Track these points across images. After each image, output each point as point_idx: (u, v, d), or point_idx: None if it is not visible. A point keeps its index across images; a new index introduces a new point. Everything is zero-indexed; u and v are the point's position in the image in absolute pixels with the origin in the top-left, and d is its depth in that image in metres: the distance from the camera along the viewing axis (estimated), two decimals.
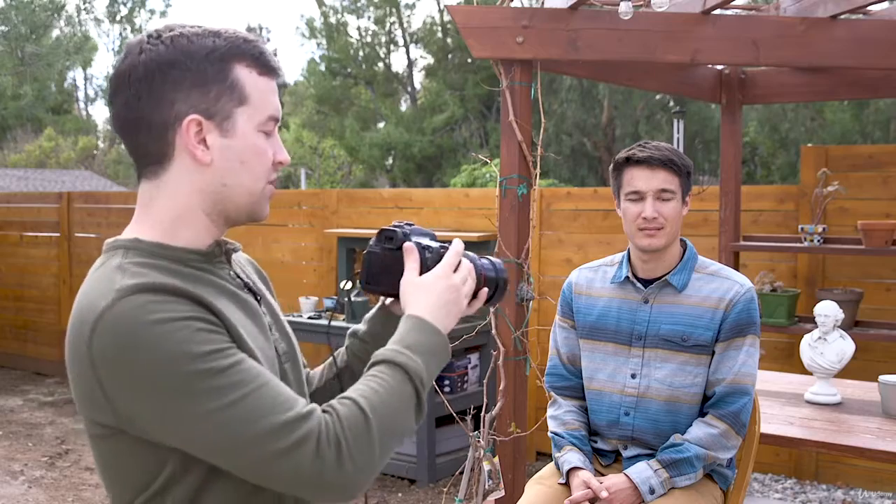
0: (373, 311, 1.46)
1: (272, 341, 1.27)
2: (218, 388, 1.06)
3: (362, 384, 1.16)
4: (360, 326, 1.46)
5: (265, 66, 1.21)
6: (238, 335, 1.14)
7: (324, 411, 1.12)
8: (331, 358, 1.48)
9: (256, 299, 1.28)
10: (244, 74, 1.18)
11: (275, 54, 1.24)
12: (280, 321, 1.34)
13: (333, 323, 4.91)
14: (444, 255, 1.31)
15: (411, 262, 1.29)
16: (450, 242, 1.35)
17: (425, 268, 1.30)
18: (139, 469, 1.14)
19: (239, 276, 1.28)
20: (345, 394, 1.14)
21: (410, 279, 1.29)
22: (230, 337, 1.13)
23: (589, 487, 2.20)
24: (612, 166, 2.37)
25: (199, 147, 1.17)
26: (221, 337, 1.10)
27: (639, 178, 2.27)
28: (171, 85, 1.15)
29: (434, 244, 1.34)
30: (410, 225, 1.33)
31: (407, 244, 1.30)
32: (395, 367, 1.17)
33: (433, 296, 1.26)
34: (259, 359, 1.16)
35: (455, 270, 1.30)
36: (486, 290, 1.36)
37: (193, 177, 1.18)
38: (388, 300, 1.42)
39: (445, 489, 4.50)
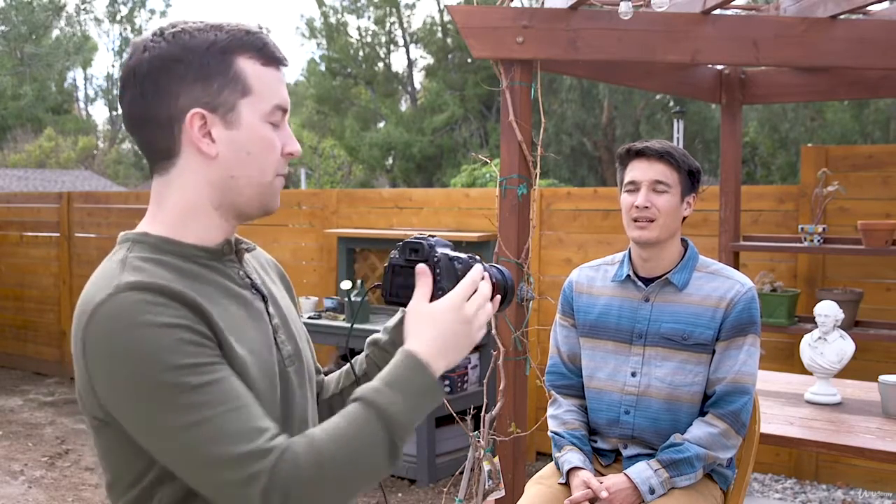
0: (393, 320, 1.42)
1: (278, 343, 1.26)
2: (185, 405, 1.04)
3: (333, 422, 1.11)
4: (381, 336, 1.42)
5: (268, 57, 1.20)
6: (226, 342, 1.12)
7: (286, 448, 1.07)
8: (348, 365, 1.45)
9: (264, 300, 1.27)
10: (247, 66, 1.18)
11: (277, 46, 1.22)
12: (289, 324, 1.32)
13: (334, 323, 4.91)
14: (472, 268, 1.25)
15: (422, 286, 1.22)
16: (472, 257, 1.28)
17: (455, 277, 1.24)
18: (127, 465, 1.14)
19: (248, 277, 1.27)
20: (311, 430, 1.10)
21: (417, 307, 1.22)
22: (218, 345, 1.11)
23: (589, 487, 2.20)
24: (617, 160, 2.40)
25: (203, 140, 1.17)
26: (205, 350, 1.08)
27: (636, 169, 2.31)
28: (174, 80, 1.15)
29: (463, 255, 1.28)
30: (433, 237, 1.29)
31: (420, 266, 1.23)
32: (370, 406, 1.11)
33: (437, 329, 1.18)
34: (248, 364, 1.15)
35: (469, 299, 1.21)
36: (498, 297, 1.32)
37: (201, 170, 1.19)
38: None
39: (445, 489, 4.50)
